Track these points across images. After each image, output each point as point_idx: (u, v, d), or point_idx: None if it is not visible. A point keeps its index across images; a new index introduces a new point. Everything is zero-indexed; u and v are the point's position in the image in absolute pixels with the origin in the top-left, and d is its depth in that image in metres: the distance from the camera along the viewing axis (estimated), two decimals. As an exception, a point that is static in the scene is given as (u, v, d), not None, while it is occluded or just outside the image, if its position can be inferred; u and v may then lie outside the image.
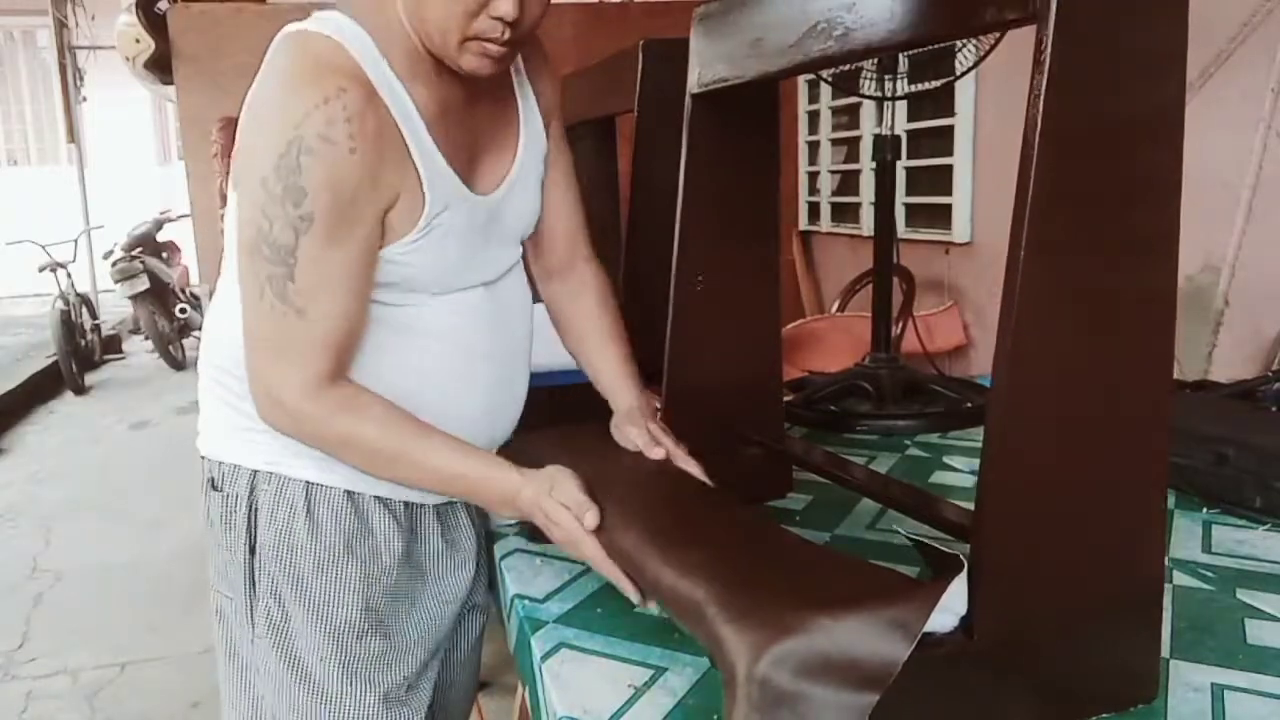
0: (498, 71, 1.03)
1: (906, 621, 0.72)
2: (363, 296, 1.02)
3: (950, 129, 3.39)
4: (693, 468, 1.11)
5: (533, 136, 1.17)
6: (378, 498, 1.12)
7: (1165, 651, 0.91)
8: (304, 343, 0.99)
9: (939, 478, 1.46)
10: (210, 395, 1.15)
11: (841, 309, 3.60)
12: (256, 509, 1.10)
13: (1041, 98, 0.69)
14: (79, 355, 6.63)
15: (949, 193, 3.43)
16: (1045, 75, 0.69)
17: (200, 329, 6.38)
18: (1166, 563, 1.06)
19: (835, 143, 4.32)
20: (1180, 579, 1.08)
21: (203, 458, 1.16)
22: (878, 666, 0.71)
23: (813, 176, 4.55)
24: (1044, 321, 0.74)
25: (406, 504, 1.15)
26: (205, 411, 1.17)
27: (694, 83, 1.21)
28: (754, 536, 0.94)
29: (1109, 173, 0.74)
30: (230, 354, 1.07)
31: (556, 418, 1.25)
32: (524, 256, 1.25)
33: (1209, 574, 1.10)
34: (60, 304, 6.50)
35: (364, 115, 0.95)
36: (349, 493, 1.11)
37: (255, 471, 1.11)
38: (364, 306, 1.02)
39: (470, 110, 1.08)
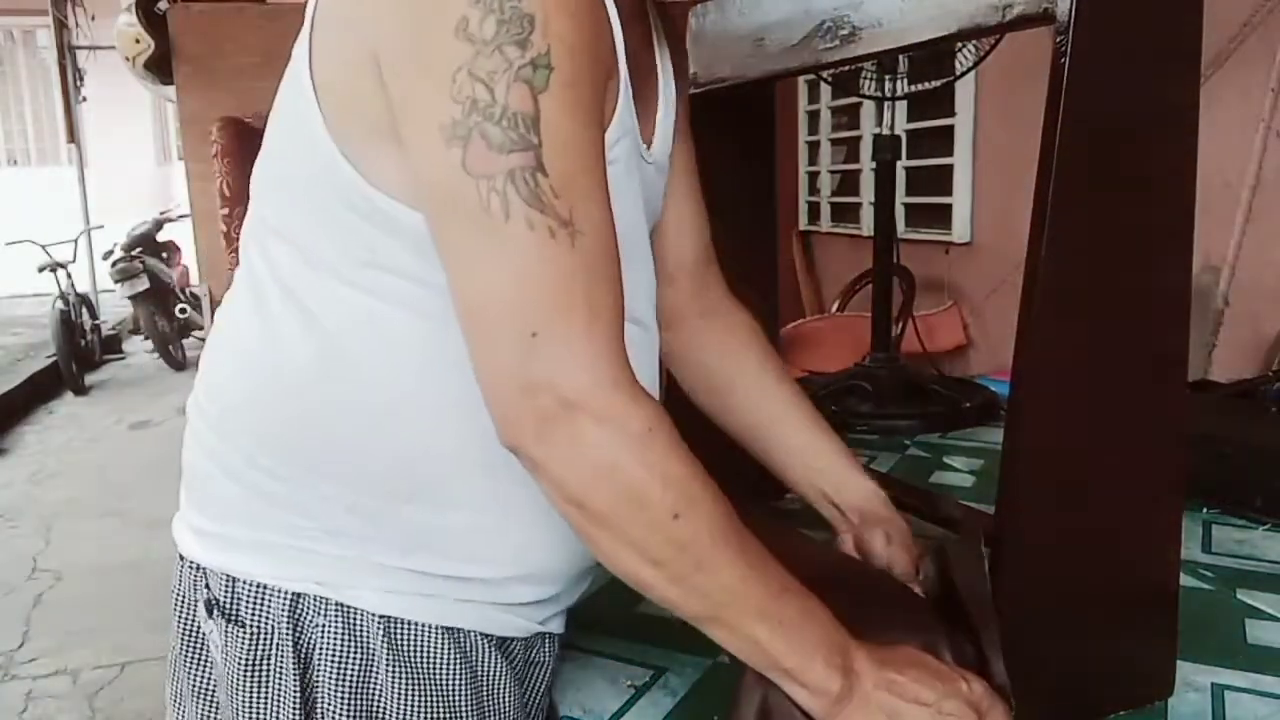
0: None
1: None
2: (615, 227, 0.64)
3: (950, 129, 3.39)
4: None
5: (668, 108, 0.86)
6: (482, 633, 0.76)
7: (1165, 651, 0.91)
8: (593, 281, 0.61)
9: (939, 478, 1.46)
10: (220, 473, 0.76)
11: (841, 309, 3.60)
12: (308, 653, 0.73)
13: (1061, 97, 0.69)
14: (79, 355, 6.63)
15: (949, 193, 3.44)
16: (1065, 74, 0.69)
17: (201, 329, 6.39)
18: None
19: (835, 143, 4.32)
20: (1180, 579, 1.08)
21: (187, 562, 0.78)
22: None
23: (813, 176, 4.55)
24: (1063, 319, 0.74)
25: (504, 639, 0.78)
26: (210, 496, 0.77)
27: (691, 83, 1.21)
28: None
29: (1126, 170, 0.74)
30: (253, 414, 0.74)
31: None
32: None
33: (1209, 574, 1.10)
34: (60, 304, 6.50)
35: None
36: (449, 630, 0.74)
37: (299, 595, 0.73)
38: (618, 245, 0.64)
39: (630, 39, 0.75)
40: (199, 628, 0.77)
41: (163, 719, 0.89)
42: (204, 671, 0.78)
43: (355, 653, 0.72)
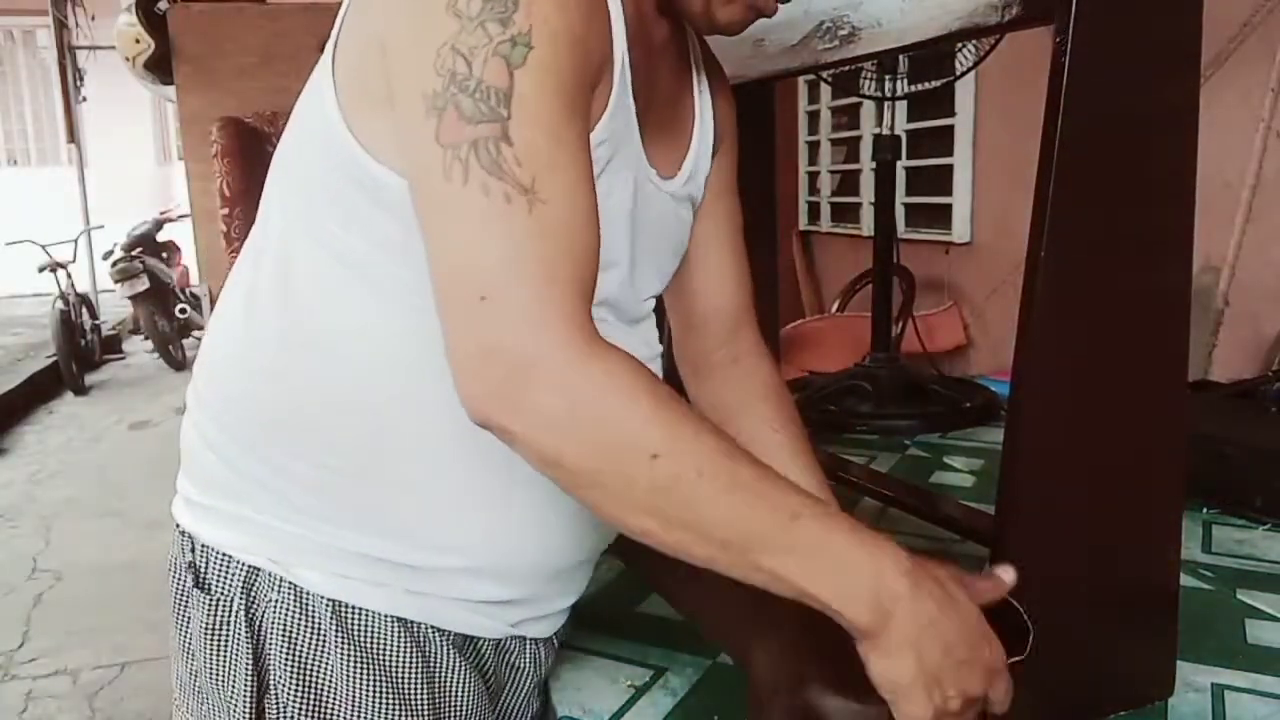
0: (739, 31, 0.79)
1: None
2: (596, 207, 0.64)
3: (950, 129, 3.39)
4: None
5: (703, 148, 0.87)
6: (435, 627, 0.77)
7: (1165, 651, 0.91)
8: (549, 245, 0.60)
9: (939, 478, 1.46)
10: (201, 442, 0.80)
11: (841, 309, 3.60)
12: (262, 625, 0.75)
13: (1061, 97, 0.69)
14: (79, 355, 6.63)
15: (949, 193, 3.43)
16: (1065, 74, 0.69)
17: (201, 329, 6.39)
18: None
19: (835, 143, 4.32)
20: (1180, 579, 1.08)
21: (179, 528, 0.81)
22: None
23: (813, 176, 4.55)
24: (1063, 319, 0.74)
25: (464, 636, 0.79)
26: (194, 465, 0.81)
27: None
28: None
29: (1127, 171, 0.74)
30: (233, 386, 0.77)
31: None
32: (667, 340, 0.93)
33: (1209, 574, 1.10)
34: (60, 304, 6.49)
35: None
36: (401, 620, 0.75)
37: (255, 569, 0.75)
38: (598, 224, 0.64)
39: (656, 67, 0.79)
40: (185, 589, 0.79)
41: (162, 719, 0.89)
42: (187, 630, 0.79)
43: (306, 631, 0.74)
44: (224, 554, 0.77)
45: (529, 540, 0.76)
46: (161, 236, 7.40)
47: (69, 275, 6.76)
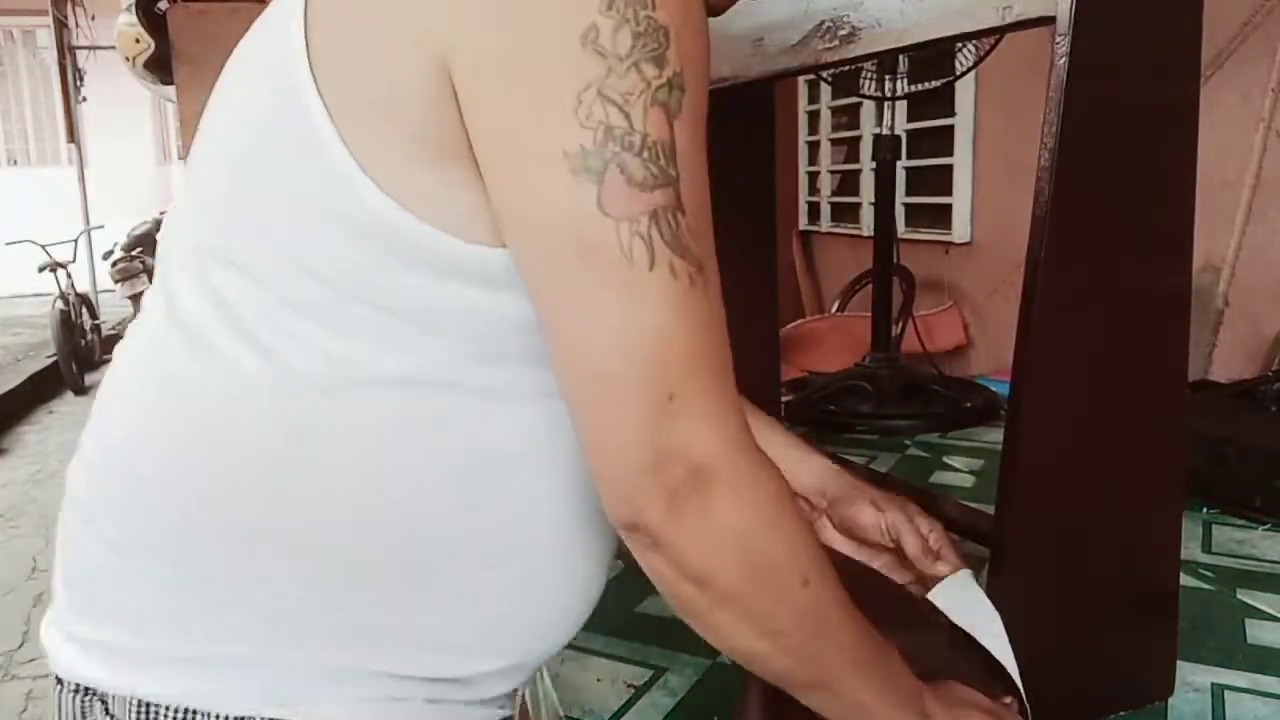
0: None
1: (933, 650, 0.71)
2: None
3: (950, 129, 3.38)
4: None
5: None
6: None
7: (1165, 651, 0.91)
8: (719, 334, 0.54)
9: (939, 478, 1.46)
10: (126, 565, 0.60)
11: (841, 309, 3.60)
12: None
13: (1061, 97, 0.69)
14: (79, 355, 6.63)
15: (949, 193, 3.43)
16: (1065, 74, 0.69)
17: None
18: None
19: (835, 143, 4.32)
20: (1180, 579, 1.08)
21: (88, 692, 0.61)
22: None
23: (813, 176, 4.55)
24: (1063, 319, 0.74)
25: None
26: (110, 596, 0.61)
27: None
28: None
29: (1127, 171, 0.74)
30: (204, 476, 0.58)
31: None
32: None
33: (1209, 574, 1.10)
34: (60, 304, 6.50)
35: None
36: None
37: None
38: None
39: None
40: None
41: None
42: None
43: None
44: (187, 710, 0.58)
45: (562, 628, 0.69)
46: (161, 236, 7.40)
47: (69, 275, 6.77)
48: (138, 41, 3.98)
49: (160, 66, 3.98)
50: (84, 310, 6.91)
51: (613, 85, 0.49)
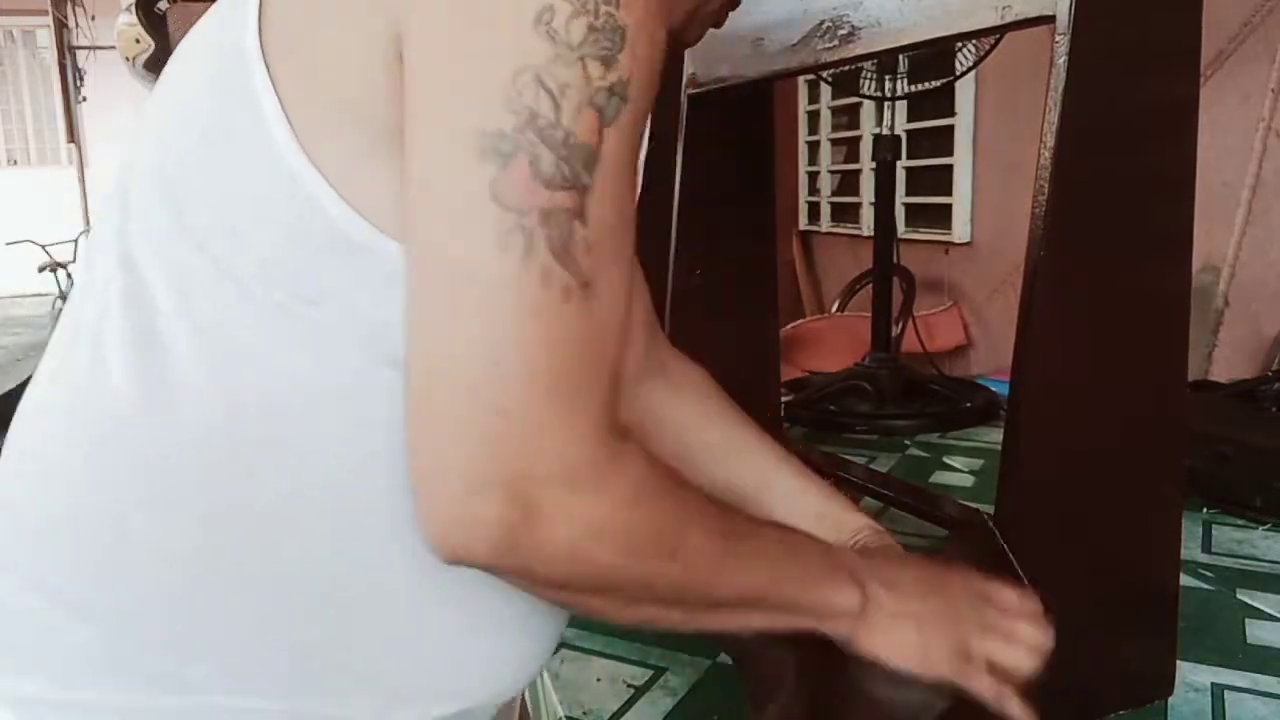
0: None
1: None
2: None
3: (950, 129, 3.39)
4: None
5: None
6: None
7: (1165, 651, 0.91)
8: (590, 354, 0.48)
9: (939, 478, 1.46)
10: (61, 609, 0.54)
11: (841, 309, 3.60)
12: None
13: (1061, 97, 0.69)
14: (79, 355, 6.62)
15: (949, 193, 3.44)
16: (1065, 74, 0.69)
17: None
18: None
19: (835, 143, 4.32)
20: (1180, 579, 1.08)
21: None
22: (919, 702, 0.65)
23: (813, 176, 4.55)
24: (1063, 319, 0.74)
25: None
26: (40, 646, 0.54)
27: (689, 83, 1.21)
28: None
29: (1127, 171, 0.74)
30: (143, 501, 0.53)
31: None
32: None
33: (1209, 574, 1.10)
34: (60, 304, 6.50)
35: None
36: None
37: None
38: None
39: None
40: None
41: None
42: None
43: None
44: None
45: (535, 661, 0.64)
46: (161, 236, 7.41)
47: (69, 275, 6.77)
48: (138, 41, 3.98)
49: (160, 66, 3.93)
50: (84, 310, 6.91)
51: (553, 73, 0.46)
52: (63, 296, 6.62)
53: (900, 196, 3.46)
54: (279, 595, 0.53)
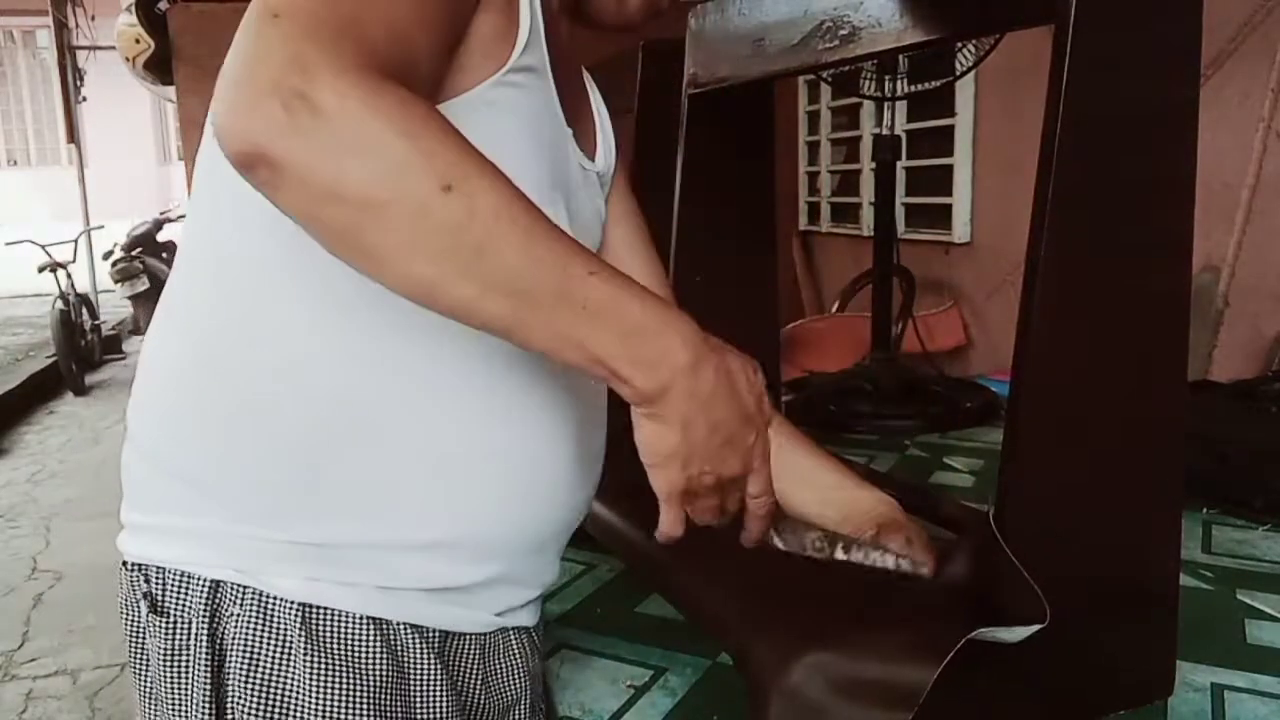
0: (640, 29, 0.82)
1: (939, 641, 0.70)
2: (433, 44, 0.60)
3: (950, 129, 3.38)
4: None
5: (608, 147, 0.87)
6: (413, 626, 0.71)
7: (1165, 651, 0.91)
8: (348, 20, 0.54)
9: (939, 478, 1.46)
10: (140, 460, 0.74)
11: (841, 309, 3.59)
12: (224, 644, 0.69)
13: (1061, 97, 0.69)
14: (79, 355, 6.63)
15: (949, 193, 3.43)
16: (1065, 74, 0.69)
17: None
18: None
19: (835, 143, 4.32)
20: (1180, 579, 1.08)
21: (127, 564, 0.74)
22: (907, 689, 0.69)
23: (813, 176, 4.55)
24: (1063, 319, 0.74)
25: (445, 634, 0.74)
26: (137, 489, 0.75)
27: (690, 83, 1.21)
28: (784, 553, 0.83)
29: (1127, 171, 0.74)
30: (168, 393, 0.72)
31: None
32: None
33: (1209, 574, 1.10)
34: (60, 304, 6.49)
35: None
36: (375, 620, 0.70)
37: (218, 583, 0.69)
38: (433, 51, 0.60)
39: (566, 60, 0.77)
40: (140, 624, 0.73)
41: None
42: (145, 670, 0.74)
43: (269, 643, 0.68)
44: (182, 573, 0.70)
45: (509, 501, 0.72)
46: (161, 236, 7.40)
47: (69, 275, 6.76)
48: (138, 42, 3.98)
49: (160, 67, 3.98)
50: (84, 310, 6.90)
51: None
52: (63, 297, 6.61)
53: (900, 196, 3.45)
54: (284, 438, 0.68)
